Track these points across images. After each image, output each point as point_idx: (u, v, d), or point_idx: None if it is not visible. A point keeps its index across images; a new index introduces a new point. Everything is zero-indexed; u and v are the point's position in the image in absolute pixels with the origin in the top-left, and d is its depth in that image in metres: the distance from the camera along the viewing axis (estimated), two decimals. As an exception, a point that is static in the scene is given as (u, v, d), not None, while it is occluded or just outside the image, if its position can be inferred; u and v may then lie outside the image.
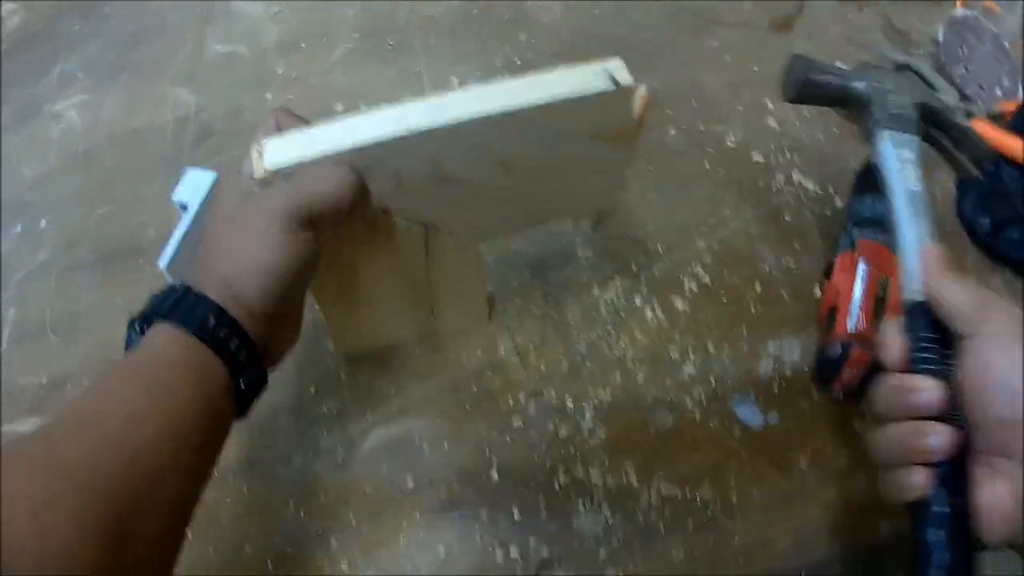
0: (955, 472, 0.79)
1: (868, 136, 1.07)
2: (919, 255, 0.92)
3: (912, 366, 0.84)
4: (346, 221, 0.90)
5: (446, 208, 1.00)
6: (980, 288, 0.83)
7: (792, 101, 1.15)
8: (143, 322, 0.83)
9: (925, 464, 0.80)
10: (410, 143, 0.87)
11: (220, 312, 0.82)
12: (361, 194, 0.89)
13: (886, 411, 0.84)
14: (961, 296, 0.83)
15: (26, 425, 1.22)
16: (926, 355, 0.84)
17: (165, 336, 0.80)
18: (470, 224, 1.05)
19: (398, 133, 0.86)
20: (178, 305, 0.82)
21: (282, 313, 0.89)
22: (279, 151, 0.86)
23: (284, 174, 0.85)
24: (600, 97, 0.90)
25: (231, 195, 0.91)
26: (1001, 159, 1.27)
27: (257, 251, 0.84)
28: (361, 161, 0.88)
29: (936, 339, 0.85)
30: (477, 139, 0.90)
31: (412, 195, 0.95)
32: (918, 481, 0.81)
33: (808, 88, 1.13)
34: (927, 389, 0.81)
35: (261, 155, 0.86)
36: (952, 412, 0.79)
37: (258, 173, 0.85)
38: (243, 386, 0.85)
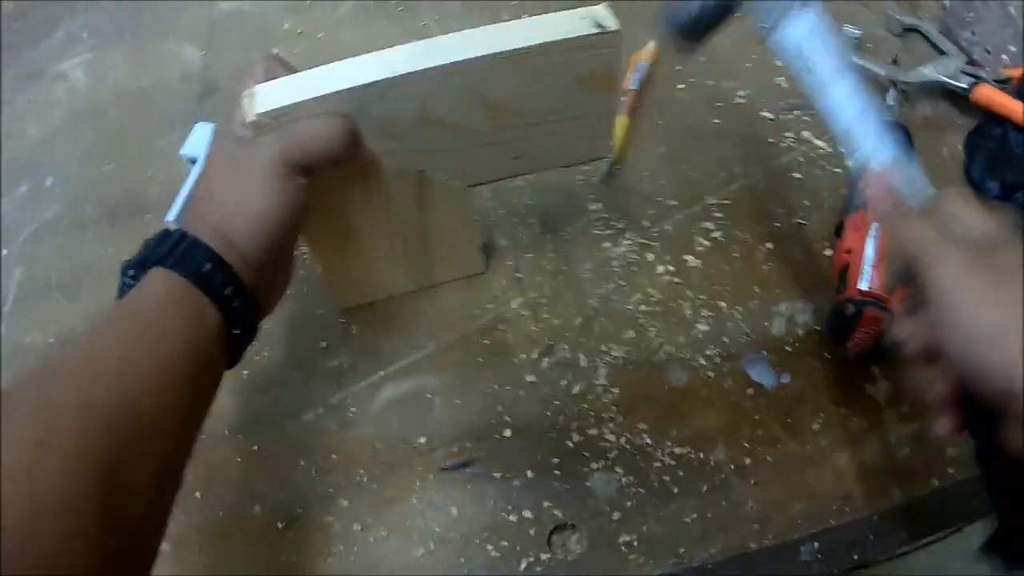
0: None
1: (765, 34, 1.05)
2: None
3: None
4: (338, 167, 0.92)
5: (434, 152, 1.01)
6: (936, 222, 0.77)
7: (684, 48, 1.11)
8: (137, 267, 0.84)
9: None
10: (396, 85, 0.89)
11: (215, 258, 0.82)
12: (352, 139, 0.91)
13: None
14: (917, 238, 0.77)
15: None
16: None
17: (160, 281, 0.81)
18: (459, 169, 1.05)
19: (384, 75, 0.88)
20: (173, 250, 0.82)
21: (275, 260, 0.90)
22: (269, 95, 0.88)
23: (274, 117, 0.87)
24: (585, 40, 0.91)
25: (225, 143, 0.92)
26: (1008, 124, 1.27)
27: (251, 198, 0.85)
28: (349, 104, 0.89)
29: None
30: (463, 82, 0.92)
31: (400, 139, 0.96)
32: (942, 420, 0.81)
33: (691, 26, 1.08)
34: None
35: (252, 100, 0.87)
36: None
37: (249, 118, 0.86)
38: (235, 333, 0.85)
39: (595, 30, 0.90)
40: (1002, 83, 1.31)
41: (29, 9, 1.77)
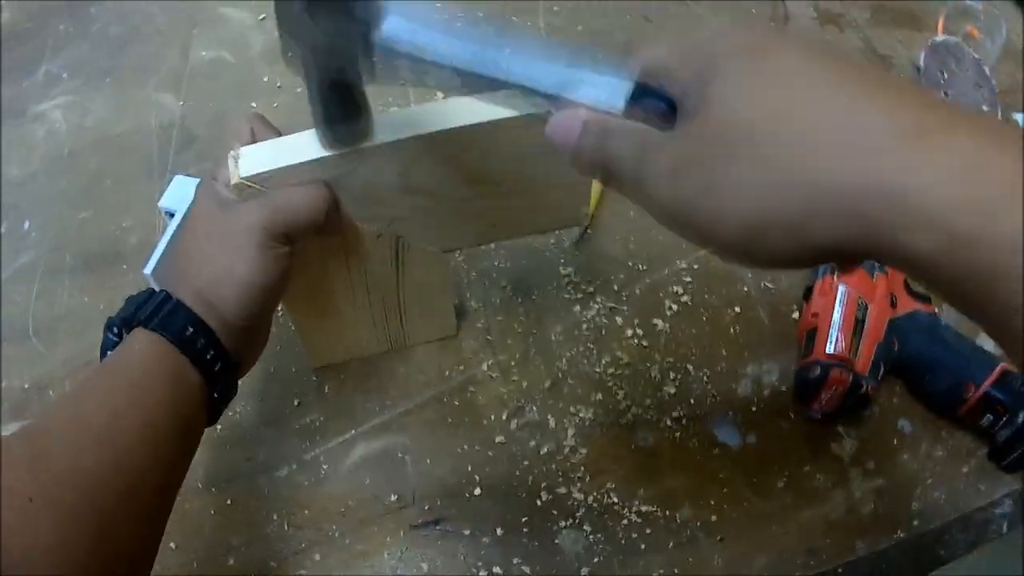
0: None
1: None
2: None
3: None
4: (319, 235, 0.93)
5: (414, 218, 1.02)
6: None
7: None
8: (121, 326, 0.85)
9: None
10: (379, 153, 0.90)
11: (197, 322, 0.83)
12: (333, 208, 0.92)
13: None
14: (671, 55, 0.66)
15: (7, 430, 1.21)
16: None
17: (144, 342, 0.82)
18: (437, 235, 1.07)
19: (366, 144, 0.89)
20: (157, 312, 0.83)
21: (255, 325, 0.91)
22: (254, 159, 0.88)
23: (259, 181, 0.88)
24: None
25: (209, 202, 0.91)
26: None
27: (234, 264, 0.86)
28: (335, 170, 0.90)
29: None
30: (445, 150, 0.93)
31: (380, 205, 0.98)
32: None
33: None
34: None
35: (237, 162, 0.88)
36: None
37: (234, 179, 0.87)
38: (216, 395, 0.87)
39: None
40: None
41: (11, 45, 1.77)
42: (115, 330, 0.86)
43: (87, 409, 0.76)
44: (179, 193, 1.25)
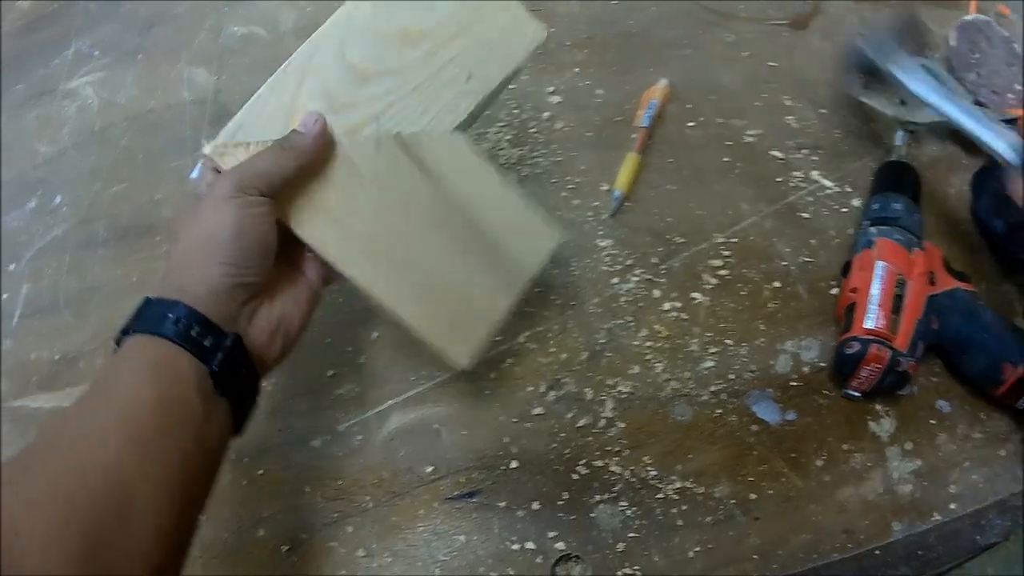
0: None
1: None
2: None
3: None
4: (303, 172, 0.95)
5: (389, 107, 1.03)
6: None
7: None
8: (118, 342, 0.84)
9: None
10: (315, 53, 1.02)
11: (172, 304, 0.82)
12: (314, 149, 0.95)
13: None
14: None
15: (36, 401, 1.23)
16: None
17: (125, 346, 0.82)
18: (424, 114, 1.06)
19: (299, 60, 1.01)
20: (138, 316, 0.84)
21: (255, 282, 0.91)
22: (220, 137, 0.96)
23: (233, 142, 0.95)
24: None
25: (185, 208, 0.95)
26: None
27: (207, 225, 0.87)
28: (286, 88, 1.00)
29: None
30: (361, 23, 1.02)
31: (350, 106, 1.01)
32: None
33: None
34: None
35: (211, 142, 0.96)
36: None
37: (207, 149, 0.95)
38: (215, 368, 0.83)
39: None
40: (1009, 123, 1.31)
41: (40, 25, 1.78)
42: (115, 348, 0.85)
43: (69, 431, 0.76)
44: (211, 165, 1.26)
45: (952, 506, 1.06)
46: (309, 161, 0.95)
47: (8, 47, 1.77)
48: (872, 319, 1.09)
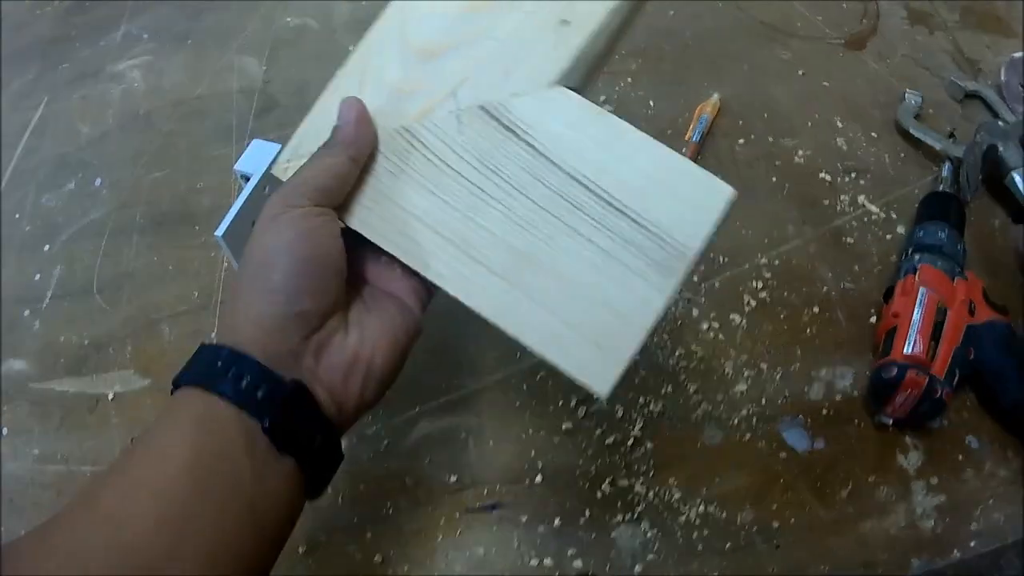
0: None
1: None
2: None
3: None
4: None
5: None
6: None
7: None
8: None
9: None
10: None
11: (219, 349, 0.72)
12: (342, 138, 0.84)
13: None
14: None
15: (62, 384, 1.23)
16: None
17: (173, 400, 0.73)
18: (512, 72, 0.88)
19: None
20: (189, 365, 0.75)
21: (315, 309, 0.77)
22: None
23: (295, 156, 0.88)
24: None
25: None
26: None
27: (255, 253, 0.77)
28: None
29: None
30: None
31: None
32: None
33: None
34: None
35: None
36: None
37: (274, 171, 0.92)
38: (267, 424, 0.71)
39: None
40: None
41: (89, 5, 1.78)
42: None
43: (101, 492, 0.67)
44: (256, 157, 1.24)
45: (972, 543, 1.05)
46: (359, 151, 0.83)
47: (55, 26, 1.77)
48: (911, 344, 1.08)
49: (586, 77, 0.86)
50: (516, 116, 0.82)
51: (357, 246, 0.84)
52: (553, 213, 0.79)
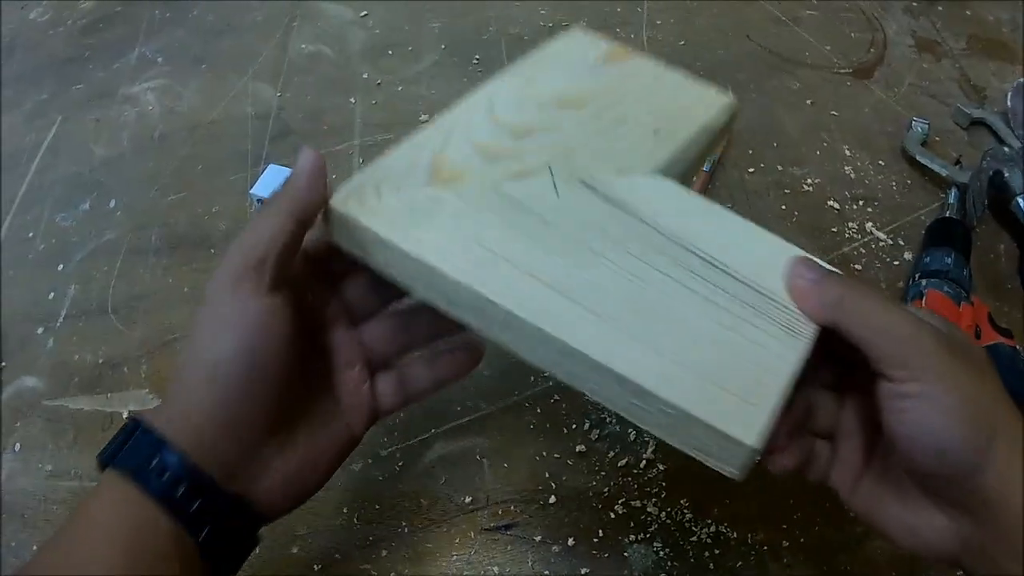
0: None
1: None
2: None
3: None
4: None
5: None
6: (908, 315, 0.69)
7: None
8: (102, 468, 0.69)
9: None
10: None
11: (160, 445, 0.66)
12: (290, 193, 0.73)
13: None
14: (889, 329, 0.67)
15: (76, 403, 1.23)
16: None
17: (103, 489, 0.68)
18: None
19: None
20: (123, 444, 0.68)
21: (259, 419, 0.71)
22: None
23: None
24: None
25: None
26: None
27: (197, 337, 0.69)
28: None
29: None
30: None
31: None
32: None
33: None
34: None
35: None
36: None
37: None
38: (201, 542, 0.67)
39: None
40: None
41: (103, 26, 1.79)
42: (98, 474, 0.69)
43: None
44: (272, 181, 1.26)
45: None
46: (306, 211, 0.73)
47: (69, 47, 1.78)
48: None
49: (682, 177, 0.88)
50: (619, 192, 0.81)
51: (312, 354, 0.79)
52: (666, 273, 0.75)
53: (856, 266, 1.30)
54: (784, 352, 0.71)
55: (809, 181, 1.41)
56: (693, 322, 0.72)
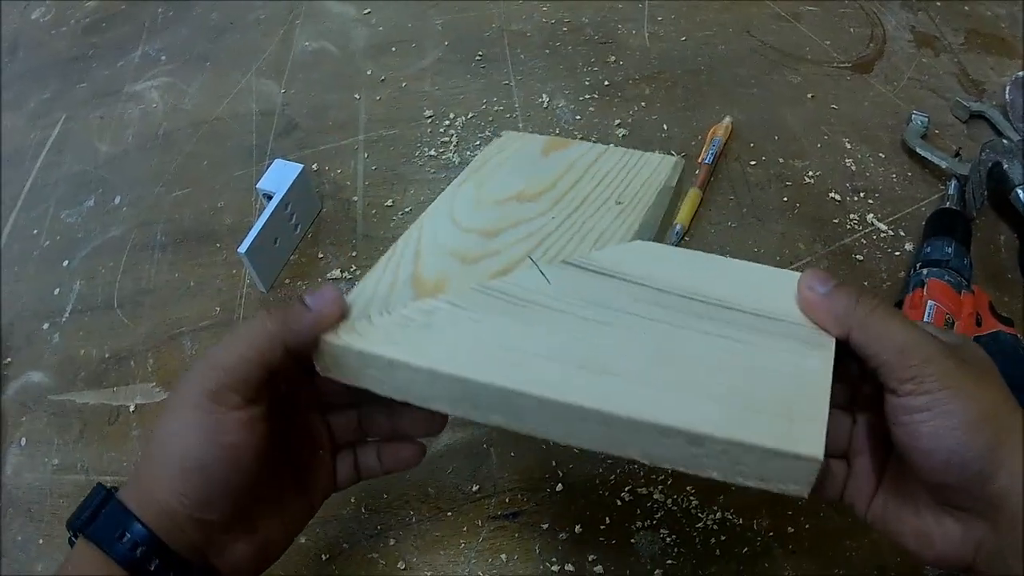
0: None
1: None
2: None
3: None
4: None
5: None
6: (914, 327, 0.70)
7: None
8: (73, 531, 0.70)
9: None
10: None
11: (130, 520, 0.67)
12: (284, 326, 0.71)
13: None
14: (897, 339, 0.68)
15: (82, 397, 1.24)
16: None
17: (74, 559, 0.68)
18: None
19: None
20: (94, 516, 0.68)
21: (225, 519, 0.71)
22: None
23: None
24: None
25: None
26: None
27: (167, 436, 0.69)
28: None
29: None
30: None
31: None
32: None
33: None
34: None
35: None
36: None
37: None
38: None
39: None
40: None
41: (107, 25, 1.80)
42: (70, 537, 0.71)
43: None
44: (278, 176, 1.26)
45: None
46: (300, 345, 0.71)
47: (73, 46, 1.79)
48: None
49: (654, 237, 0.89)
50: (604, 263, 0.81)
51: (282, 441, 0.78)
52: (676, 324, 0.75)
53: (857, 256, 1.31)
54: (814, 364, 0.71)
55: (810, 174, 1.42)
56: (719, 360, 0.72)
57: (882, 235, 1.34)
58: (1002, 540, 0.65)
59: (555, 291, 0.78)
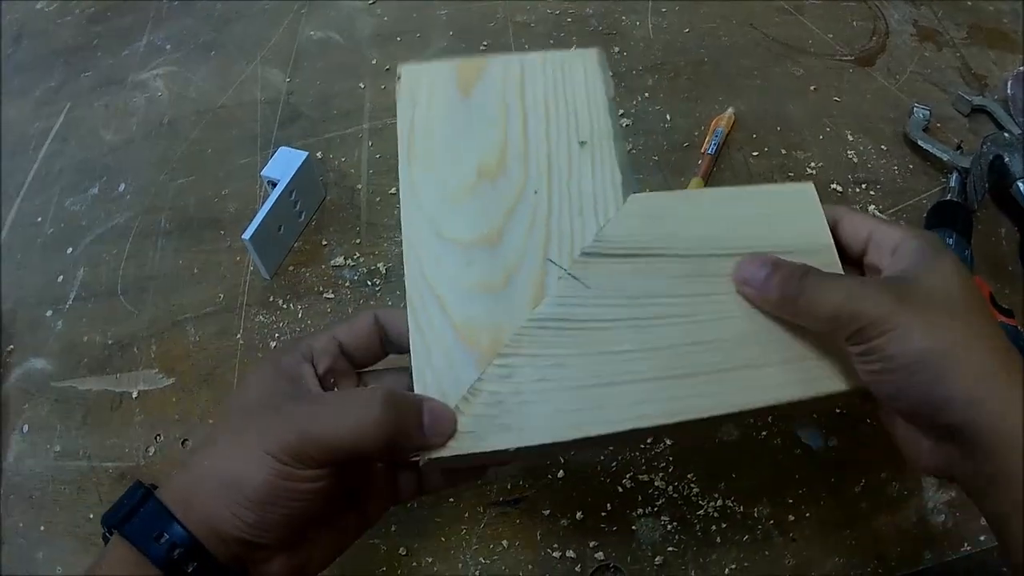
0: None
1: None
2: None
3: None
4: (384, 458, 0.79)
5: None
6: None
7: None
8: (107, 526, 0.70)
9: None
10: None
11: (170, 522, 0.66)
12: (395, 434, 0.68)
13: None
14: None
15: (85, 383, 1.24)
16: None
17: (109, 557, 0.68)
18: None
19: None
20: (131, 513, 0.67)
21: (274, 546, 0.71)
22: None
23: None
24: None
25: (262, 378, 0.76)
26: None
27: (234, 465, 0.68)
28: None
29: None
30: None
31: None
32: None
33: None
34: None
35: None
36: None
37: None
38: None
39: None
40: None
41: (112, 14, 1.80)
42: (104, 531, 0.70)
43: None
44: (283, 163, 1.27)
45: (982, 538, 1.07)
46: (405, 453, 0.70)
47: (77, 35, 1.79)
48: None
49: (630, 180, 0.85)
50: (621, 241, 0.79)
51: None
52: (720, 291, 0.78)
53: (860, 247, 1.30)
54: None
55: (812, 165, 1.42)
56: (752, 324, 0.76)
57: (883, 226, 1.33)
58: (977, 468, 0.67)
59: (596, 296, 0.77)
